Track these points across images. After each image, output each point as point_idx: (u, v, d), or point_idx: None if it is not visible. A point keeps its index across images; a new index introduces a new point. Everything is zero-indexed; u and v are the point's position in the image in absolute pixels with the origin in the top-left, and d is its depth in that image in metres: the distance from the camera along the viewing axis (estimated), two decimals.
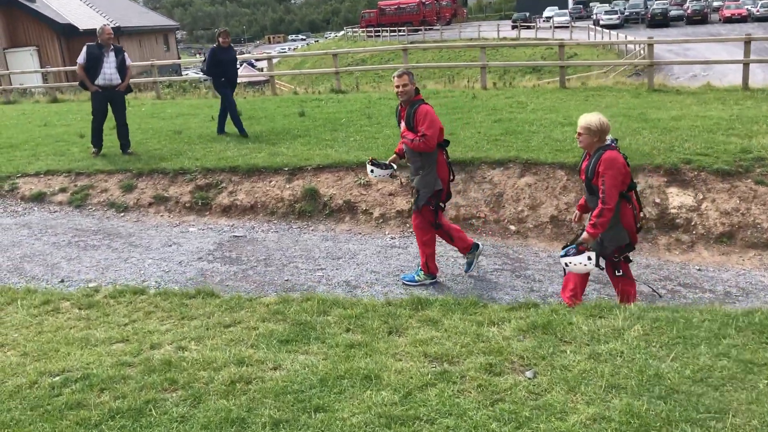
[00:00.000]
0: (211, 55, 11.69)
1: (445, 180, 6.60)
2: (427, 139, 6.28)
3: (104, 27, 10.47)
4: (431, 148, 6.34)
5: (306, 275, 7.13)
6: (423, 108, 6.35)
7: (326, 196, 9.00)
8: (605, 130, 5.29)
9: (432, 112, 6.38)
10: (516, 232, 8.25)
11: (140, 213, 9.19)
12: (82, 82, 10.50)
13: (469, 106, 13.81)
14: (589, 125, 5.29)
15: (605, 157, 5.25)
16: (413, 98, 6.39)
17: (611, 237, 5.53)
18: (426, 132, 6.27)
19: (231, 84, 12.06)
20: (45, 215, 9.21)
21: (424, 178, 6.54)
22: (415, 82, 6.47)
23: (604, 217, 5.29)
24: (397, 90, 6.36)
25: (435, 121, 6.35)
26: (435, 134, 6.33)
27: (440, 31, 61.28)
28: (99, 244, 8.10)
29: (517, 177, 8.80)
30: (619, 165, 5.26)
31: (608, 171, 5.19)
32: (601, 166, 5.25)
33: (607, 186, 5.21)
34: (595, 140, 5.32)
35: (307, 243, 8.10)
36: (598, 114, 5.33)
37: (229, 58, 11.84)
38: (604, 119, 5.29)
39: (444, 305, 4.80)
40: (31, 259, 7.65)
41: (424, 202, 6.58)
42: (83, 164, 10.36)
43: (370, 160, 6.94)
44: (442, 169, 6.57)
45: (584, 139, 5.37)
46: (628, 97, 14.75)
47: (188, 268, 7.35)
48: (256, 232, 8.48)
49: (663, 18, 54.87)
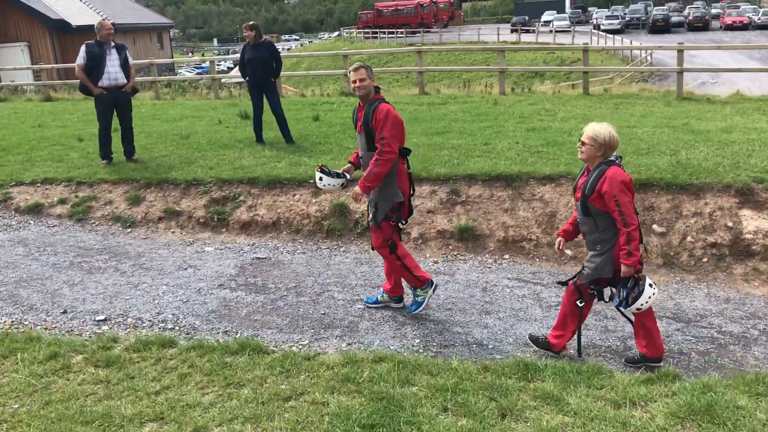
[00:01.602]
0: (241, 53, 10.65)
1: (405, 193, 5.78)
2: (387, 142, 5.44)
3: (103, 22, 9.50)
4: (394, 153, 5.52)
5: (345, 308, 6.21)
6: (383, 107, 5.55)
7: (357, 213, 8.08)
8: (613, 146, 4.82)
9: (393, 112, 5.55)
10: (573, 258, 7.37)
11: (149, 229, 8.24)
12: (83, 86, 9.52)
13: (494, 113, 12.96)
14: (597, 136, 4.77)
15: (610, 175, 4.74)
16: (373, 96, 5.63)
17: (596, 266, 4.99)
18: (385, 134, 5.44)
19: (258, 86, 10.64)
20: (43, 230, 8.23)
21: (382, 191, 5.72)
22: (375, 78, 5.71)
23: (634, 240, 4.77)
24: (354, 85, 5.60)
25: (397, 124, 5.53)
26: (397, 137, 5.53)
27: (439, 33, 60.45)
28: (105, 265, 7.15)
29: (569, 194, 7.91)
30: (629, 184, 4.78)
31: (617, 192, 4.71)
32: (605, 184, 4.74)
33: (623, 205, 4.72)
34: (599, 154, 4.82)
35: (340, 267, 7.19)
36: (609, 126, 4.83)
37: (256, 57, 10.44)
38: (615, 133, 4.82)
39: (559, 374, 3.92)
40: (28, 283, 6.70)
41: (383, 217, 5.76)
42: (84, 172, 9.39)
43: (319, 168, 6.02)
44: (403, 180, 5.76)
45: (587, 151, 4.84)
46: (661, 106, 13.94)
47: (209, 297, 6.41)
48: (281, 254, 7.55)
49: (664, 24, 54.40)
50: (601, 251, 4.99)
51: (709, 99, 15.49)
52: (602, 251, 4.98)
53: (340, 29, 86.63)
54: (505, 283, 6.80)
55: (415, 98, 15.97)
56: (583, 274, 5.12)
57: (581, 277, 5.15)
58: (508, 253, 7.49)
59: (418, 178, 8.37)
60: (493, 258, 7.43)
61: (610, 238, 4.92)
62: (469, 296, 6.49)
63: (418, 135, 10.94)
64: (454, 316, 6.08)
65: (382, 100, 5.64)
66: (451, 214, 7.93)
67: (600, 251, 4.99)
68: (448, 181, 8.29)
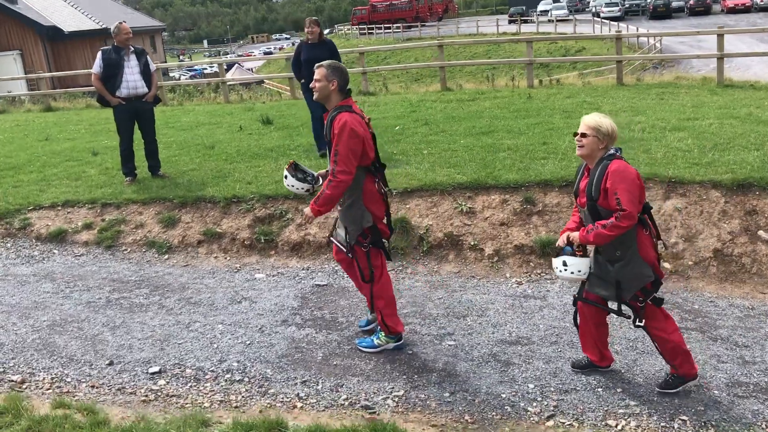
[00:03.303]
0: (296, 52, 9.50)
1: (378, 214, 5.02)
2: (341, 160, 4.65)
3: (121, 25, 8.58)
4: (348, 174, 4.71)
5: (433, 346, 5.36)
6: (341, 117, 4.71)
7: (421, 228, 7.22)
8: (614, 137, 4.29)
9: (352, 124, 4.68)
10: (673, 272, 6.53)
11: (188, 254, 7.35)
12: (101, 96, 8.60)
13: (534, 108, 12.11)
14: (600, 126, 4.22)
15: (613, 169, 4.17)
16: (339, 102, 4.82)
17: (631, 275, 4.34)
18: (340, 150, 4.66)
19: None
20: (69, 261, 7.34)
21: (348, 212, 4.98)
22: (337, 80, 4.80)
23: (616, 228, 4.16)
24: (312, 86, 4.88)
25: (355, 138, 4.67)
26: (355, 154, 4.71)
27: (437, 27, 59.54)
28: (147, 302, 6.27)
29: (661, 199, 7.07)
30: (632, 176, 4.19)
31: (620, 184, 4.13)
32: (608, 180, 4.16)
33: (623, 199, 4.11)
34: (601, 147, 4.25)
35: (414, 293, 6.33)
36: (606, 116, 4.30)
37: (316, 57, 8.86)
38: (614, 124, 4.29)
39: None
40: (63, 328, 5.81)
41: (355, 242, 4.98)
42: (108, 192, 8.48)
43: (290, 165, 5.14)
44: (373, 201, 4.97)
45: (590, 144, 4.24)
46: (707, 94, 13.12)
47: (274, 337, 5.54)
48: (342, 279, 6.68)
49: (665, 9, 53.68)
50: (623, 257, 4.32)
51: (753, 85, 14.70)
52: (625, 258, 4.34)
53: (334, 27, 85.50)
54: None
55: (440, 95, 15.10)
56: (624, 290, 4.40)
57: (624, 293, 4.42)
58: None
59: (484, 185, 7.52)
60: None
61: (629, 236, 4.29)
62: (571, 325, 5.62)
63: (464, 136, 10.08)
64: (563, 351, 5.23)
65: (344, 109, 4.79)
66: (527, 225, 7.08)
67: (623, 257, 4.32)
68: (520, 188, 7.43)
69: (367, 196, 4.93)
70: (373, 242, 5.01)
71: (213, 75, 50.56)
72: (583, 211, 4.41)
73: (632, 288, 4.39)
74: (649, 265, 4.36)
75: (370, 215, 4.93)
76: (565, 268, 4.43)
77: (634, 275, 4.36)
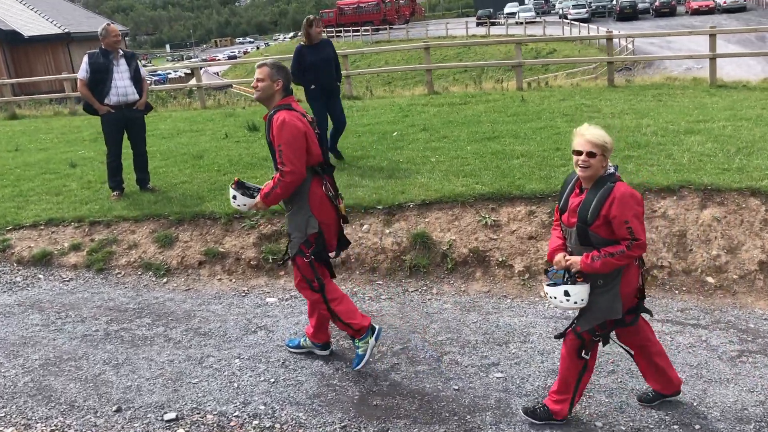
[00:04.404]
0: (296, 56, 8.62)
1: (326, 221, 4.68)
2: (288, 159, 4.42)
3: (109, 27, 7.89)
4: (297, 173, 4.47)
5: (480, 379, 4.82)
6: (278, 117, 4.48)
7: (443, 244, 6.68)
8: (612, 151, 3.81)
9: (292, 121, 4.44)
10: (718, 287, 6.09)
11: (189, 277, 6.71)
12: (87, 104, 7.89)
13: (532, 112, 11.68)
14: (606, 142, 3.72)
15: (620, 194, 3.68)
16: (278, 102, 4.58)
17: (601, 305, 3.90)
18: (284, 150, 4.42)
19: (325, 92, 8.70)
20: (57, 287, 6.64)
21: (292, 218, 4.71)
22: (282, 79, 4.56)
23: (626, 257, 3.73)
24: (252, 85, 4.64)
25: (297, 135, 4.40)
26: (298, 152, 4.45)
27: (406, 30, 59.20)
28: (150, 333, 5.62)
29: (697, 209, 6.64)
30: (639, 202, 3.75)
31: (630, 212, 3.67)
32: (614, 207, 3.67)
33: (636, 232, 3.69)
34: (604, 165, 3.76)
35: (445, 317, 5.79)
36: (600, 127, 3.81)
37: (321, 59, 8.59)
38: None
39: None
40: (58, 367, 5.14)
41: (297, 251, 4.66)
42: (95, 208, 7.78)
43: (235, 182, 4.74)
44: (321, 206, 4.65)
45: (597, 164, 3.72)
46: (704, 96, 12.85)
47: (301, 373, 4.95)
48: (364, 302, 6.12)
49: (632, 11, 54.22)
50: (605, 287, 3.85)
51: (745, 85, 14.51)
52: (606, 287, 3.87)
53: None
54: (657, 327, 5.47)
55: (429, 99, 14.61)
56: (584, 318, 3.94)
57: (582, 322, 3.96)
58: None
59: (507, 196, 7.03)
60: None
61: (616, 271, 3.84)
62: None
63: (469, 142, 9.58)
64: (624, 381, 4.74)
65: (283, 107, 4.54)
66: None
67: (604, 287, 3.85)
68: (546, 198, 6.94)
69: (314, 200, 4.61)
70: (315, 253, 4.66)
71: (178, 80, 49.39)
72: (568, 231, 3.92)
73: (594, 321, 3.93)
74: (621, 300, 3.90)
75: (316, 222, 4.61)
76: (567, 299, 3.89)
77: (602, 308, 3.90)
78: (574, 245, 3.92)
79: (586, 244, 3.82)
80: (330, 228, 4.73)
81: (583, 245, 3.84)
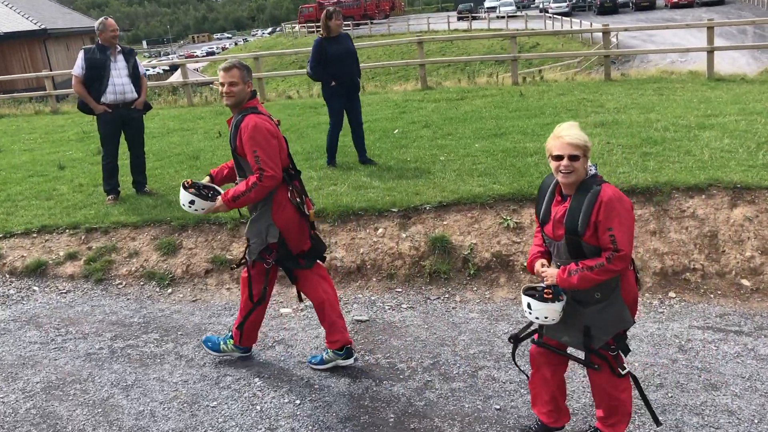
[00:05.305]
0: (316, 49, 8.08)
1: (289, 228, 4.48)
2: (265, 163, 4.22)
3: (107, 21, 7.46)
4: (276, 178, 4.28)
5: (522, 397, 4.50)
6: (248, 121, 4.26)
7: (464, 248, 6.35)
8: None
9: (264, 124, 4.27)
10: (755, 290, 5.82)
11: (196, 287, 6.31)
12: (82, 102, 7.45)
13: (534, 107, 11.42)
14: (588, 142, 3.36)
15: (607, 198, 3.28)
16: (245, 105, 4.37)
17: (608, 320, 3.51)
18: (260, 154, 4.21)
19: (346, 89, 8.21)
20: (54, 300, 6.20)
21: (253, 224, 4.54)
22: (251, 80, 4.41)
23: (615, 265, 3.29)
24: (222, 91, 4.36)
25: (271, 139, 4.27)
26: (273, 155, 4.26)
27: (387, 24, 58.78)
28: (160, 351, 5.23)
29: (728, 207, 6.37)
30: (628, 207, 3.33)
31: (615, 218, 3.26)
32: (601, 212, 3.28)
33: (619, 236, 3.26)
34: (586, 167, 3.39)
35: (473, 327, 5.45)
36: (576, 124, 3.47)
37: (344, 52, 8.12)
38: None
39: None
40: (63, 391, 4.73)
41: (256, 258, 4.52)
42: (90, 214, 7.34)
43: (188, 183, 4.44)
44: (284, 212, 4.45)
45: (580, 168, 3.35)
46: (706, 89, 12.65)
47: (328, 393, 4.59)
48: (384, 312, 5.77)
49: (612, 5, 54.26)
50: (604, 299, 3.48)
51: (743, 78, 14.36)
52: (606, 298, 3.49)
53: (281, 25, 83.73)
54: (698, 335, 5.20)
55: (424, 94, 14.29)
56: (594, 337, 3.55)
57: (595, 341, 3.56)
58: (673, 290, 5.89)
59: (528, 196, 6.71)
60: (657, 298, 5.82)
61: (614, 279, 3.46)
62: (670, 361, 4.86)
63: (476, 139, 9.26)
64: (675, 396, 4.44)
65: (250, 111, 4.33)
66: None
67: (603, 299, 3.48)
68: None
69: (277, 207, 4.42)
70: (277, 260, 4.53)
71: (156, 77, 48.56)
72: (555, 244, 3.52)
73: (606, 335, 3.54)
74: (627, 307, 3.55)
75: (276, 231, 4.44)
76: (529, 312, 3.54)
77: (611, 320, 3.52)
78: (562, 258, 3.50)
79: (576, 255, 3.43)
80: (292, 233, 4.51)
81: (573, 256, 3.44)
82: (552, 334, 3.71)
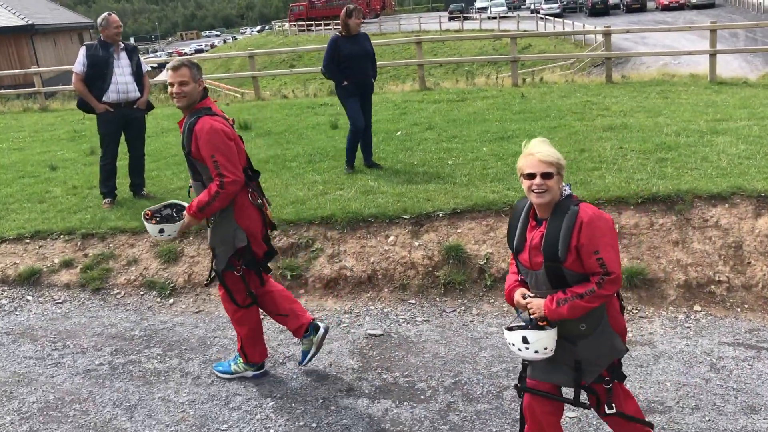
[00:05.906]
0: (331, 47, 7.80)
1: (252, 231, 4.34)
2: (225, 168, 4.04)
3: (110, 17, 7.15)
4: (237, 182, 4.12)
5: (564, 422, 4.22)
6: (203, 123, 4.06)
7: (480, 258, 6.09)
8: None
9: (218, 127, 4.06)
10: None
11: (198, 297, 6.02)
12: (83, 101, 7.13)
13: (538, 109, 11.19)
14: (560, 160, 3.08)
15: (588, 219, 3.00)
16: (197, 105, 4.16)
17: (599, 352, 3.21)
18: (218, 159, 4.02)
19: (359, 89, 7.93)
20: (50, 311, 5.88)
21: (216, 231, 4.35)
22: (203, 80, 4.22)
23: (607, 290, 3.02)
24: (172, 90, 4.13)
25: (227, 141, 4.09)
26: (232, 158, 4.09)
27: (379, 23, 58.49)
28: (164, 367, 4.93)
29: (752, 217, 6.15)
30: (611, 225, 3.08)
31: (601, 239, 2.99)
32: (582, 234, 2.99)
33: (607, 258, 2.99)
34: (560, 188, 3.12)
35: (494, 342, 5.20)
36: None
37: (360, 51, 7.85)
38: None
39: None
40: (61, 412, 4.43)
41: (225, 266, 4.34)
42: (86, 218, 7.02)
43: (148, 215, 4.33)
44: (246, 216, 4.29)
45: (555, 186, 3.06)
46: (710, 93, 12.48)
47: (345, 415, 4.31)
48: (399, 325, 5.50)
49: (603, 6, 54.37)
50: (591, 331, 3.18)
51: (746, 82, 14.20)
52: (594, 330, 3.18)
53: (271, 23, 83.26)
54: (729, 352, 4.97)
55: (423, 95, 14.05)
56: (586, 371, 3.24)
57: (587, 376, 3.25)
58: (698, 303, 5.66)
59: None
60: (682, 312, 5.58)
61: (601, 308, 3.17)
62: (703, 381, 4.62)
63: (482, 142, 9.02)
64: (714, 420, 4.19)
65: (204, 112, 4.13)
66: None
67: (590, 332, 3.18)
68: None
69: (239, 210, 4.25)
70: (247, 263, 4.35)
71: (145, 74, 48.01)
72: (533, 274, 3.20)
73: (598, 368, 3.23)
74: (618, 335, 3.26)
75: (243, 234, 4.26)
76: (526, 347, 3.18)
77: (602, 352, 3.22)
78: (545, 291, 3.18)
79: (557, 284, 3.13)
80: (256, 237, 4.36)
81: (558, 288, 3.13)
82: (542, 376, 3.36)
